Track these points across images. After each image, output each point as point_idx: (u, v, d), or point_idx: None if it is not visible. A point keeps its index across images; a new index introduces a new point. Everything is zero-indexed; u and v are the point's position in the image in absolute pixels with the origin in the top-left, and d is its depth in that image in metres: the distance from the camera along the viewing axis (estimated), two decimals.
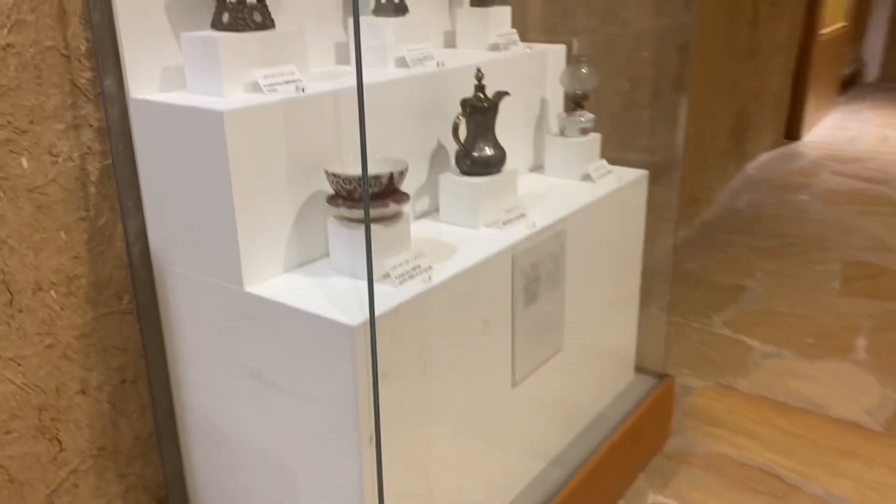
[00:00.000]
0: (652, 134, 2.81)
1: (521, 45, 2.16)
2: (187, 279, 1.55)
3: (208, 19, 1.52)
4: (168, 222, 1.55)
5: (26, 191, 1.46)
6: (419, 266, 1.49)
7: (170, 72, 1.53)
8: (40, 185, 1.47)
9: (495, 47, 2.11)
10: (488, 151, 1.75)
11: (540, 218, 1.81)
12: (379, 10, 1.84)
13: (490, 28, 2.11)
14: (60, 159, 1.49)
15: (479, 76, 1.74)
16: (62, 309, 1.56)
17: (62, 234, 1.53)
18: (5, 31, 1.36)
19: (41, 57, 1.42)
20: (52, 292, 1.54)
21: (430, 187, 1.83)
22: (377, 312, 1.33)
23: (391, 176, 1.42)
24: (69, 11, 1.44)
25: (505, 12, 2.18)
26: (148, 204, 1.57)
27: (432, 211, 1.84)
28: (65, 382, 1.60)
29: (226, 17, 1.50)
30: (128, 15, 1.44)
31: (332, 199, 1.47)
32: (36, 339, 1.53)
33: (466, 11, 2.15)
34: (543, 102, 2.20)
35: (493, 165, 1.75)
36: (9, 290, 1.47)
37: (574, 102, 2.11)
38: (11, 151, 1.42)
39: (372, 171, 1.47)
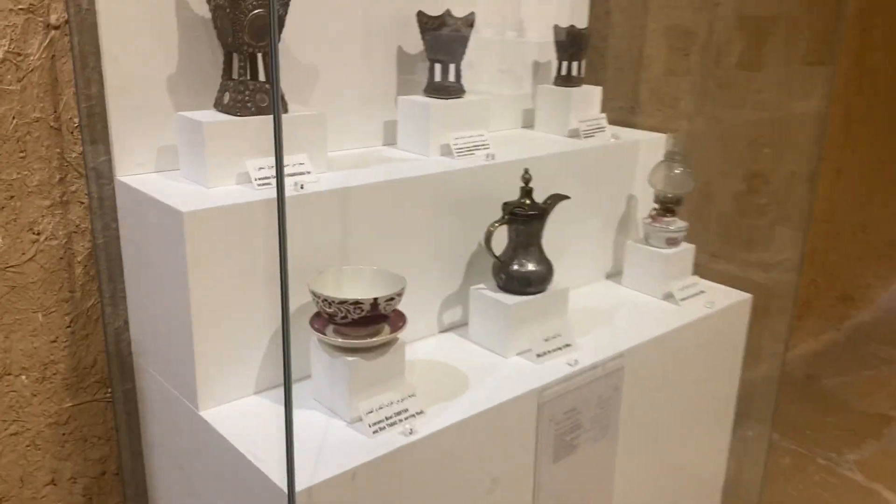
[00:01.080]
0: (770, 246, 2.37)
1: (609, 131, 1.85)
2: (155, 381, 1.37)
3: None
4: (143, 316, 1.39)
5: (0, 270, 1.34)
6: (405, 411, 1.23)
7: (167, 151, 1.37)
8: (15, 264, 1.36)
9: (575, 133, 1.82)
10: (530, 266, 1.46)
11: (589, 351, 1.49)
12: (431, 90, 1.61)
13: (571, 111, 1.82)
14: (42, 237, 1.37)
15: (526, 178, 1.46)
16: (33, 395, 1.43)
17: (39, 316, 1.40)
18: None
19: (25, 129, 1.31)
20: (23, 377, 1.41)
21: (464, 297, 1.56)
22: (326, 475, 1.08)
23: (374, 303, 1.17)
24: (62, 82, 1.32)
25: (593, 94, 1.88)
26: (129, 292, 1.42)
27: (463, 323, 1.57)
28: (31, 472, 1.47)
29: (227, 98, 1.32)
30: (118, 89, 1.29)
31: (315, 319, 1.24)
32: (1, 426, 1.41)
33: (547, 91, 1.87)
34: (631, 201, 1.87)
35: (533, 284, 1.46)
36: None
37: (663, 207, 1.76)
38: None
39: (353, 292, 1.23)
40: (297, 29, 1.46)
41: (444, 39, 1.55)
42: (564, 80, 1.85)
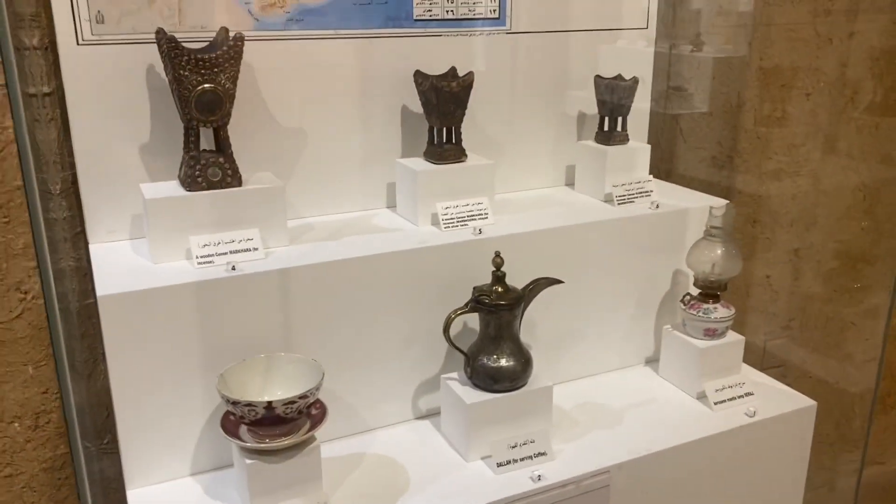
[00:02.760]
0: (857, 341, 1.96)
1: (655, 196, 1.62)
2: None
3: None
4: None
5: None
6: None
7: (142, 219, 1.38)
8: (4, 320, 1.43)
9: (609, 199, 1.61)
10: (501, 361, 1.30)
11: (568, 462, 1.30)
12: (427, 153, 1.49)
13: (607, 173, 1.61)
14: (29, 296, 1.43)
15: (497, 262, 1.29)
16: (27, 441, 1.51)
17: (29, 368, 1.47)
18: None
19: (8, 196, 1.37)
20: (16, 424, 1.49)
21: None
22: None
23: (268, 406, 1.09)
24: (44, 150, 1.37)
25: (637, 153, 1.66)
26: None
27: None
28: None
29: (182, 172, 1.30)
30: (88, 159, 1.32)
31: (226, 418, 1.18)
32: None
33: (583, 148, 1.67)
34: (678, 278, 1.62)
35: (502, 380, 1.30)
36: None
37: (704, 291, 1.50)
38: None
39: (279, 385, 1.16)
40: (285, 89, 1.42)
41: (437, 101, 1.42)
42: (604, 137, 1.64)
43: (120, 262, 1.28)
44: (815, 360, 2.35)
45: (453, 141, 1.48)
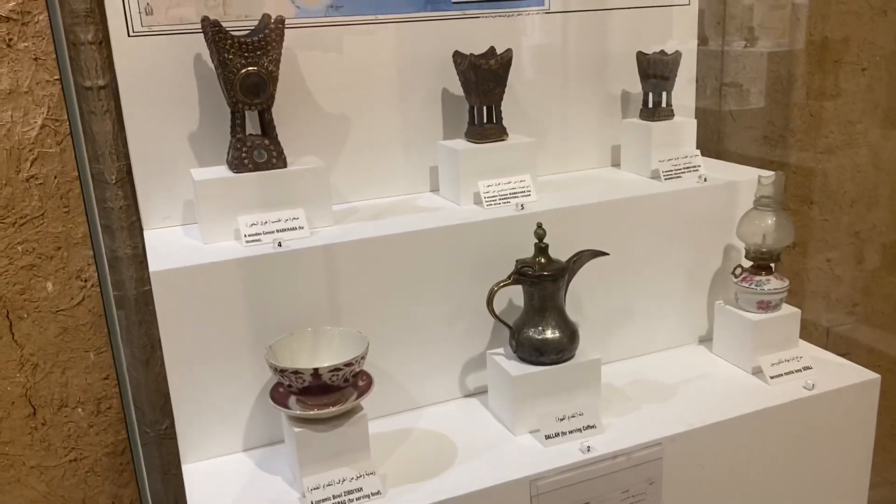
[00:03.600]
0: None
1: (702, 171, 1.59)
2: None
3: None
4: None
5: (51, 312, 1.48)
6: (358, 490, 1.14)
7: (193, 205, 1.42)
8: (65, 307, 1.49)
9: (656, 175, 1.59)
10: (547, 333, 1.29)
11: (619, 435, 1.28)
12: (469, 134, 1.50)
13: (652, 149, 1.59)
14: (89, 284, 1.49)
15: (539, 233, 1.29)
16: (90, 426, 1.56)
17: (91, 355, 1.53)
18: (28, 163, 1.40)
19: (68, 187, 1.43)
20: (80, 409, 1.55)
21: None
22: None
23: (314, 373, 1.11)
24: (99, 141, 1.43)
25: (683, 128, 1.63)
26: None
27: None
28: (92, 496, 1.60)
29: (230, 155, 1.33)
30: (141, 147, 1.37)
31: (276, 390, 1.20)
32: (61, 452, 1.56)
33: (629, 126, 1.66)
34: (730, 253, 1.58)
35: (548, 353, 1.29)
36: (31, 403, 1.51)
37: (756, 263, 1.47)
38: (36, 275, 1.45)
39: (325, 357, 1.18)
40: (327, 75, 1.44)
41: (476, 80, 1.43)
42: (649, 114, 1.63)
43: (173, 245, 1.32)
44: (886, 342, 2.26)
45: (494, 120, 1.49)
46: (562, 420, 1.28)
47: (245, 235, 1.28)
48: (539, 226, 1.29)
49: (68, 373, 1.52)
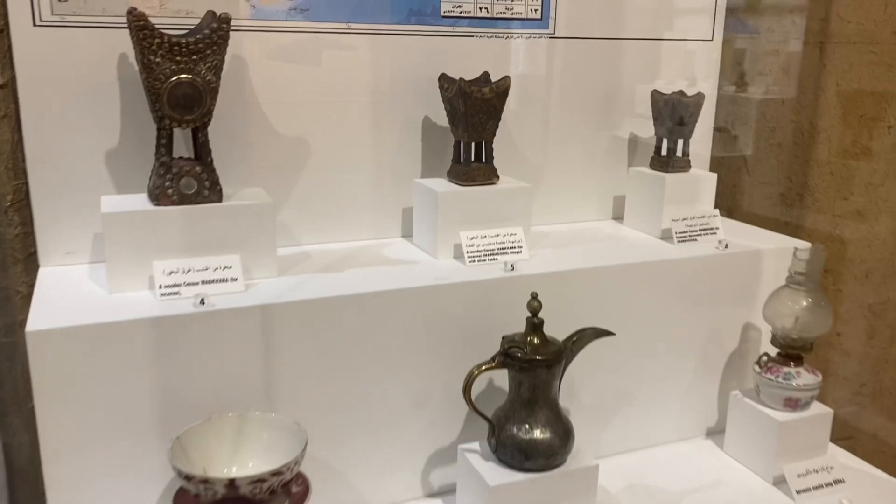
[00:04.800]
0: None
1: (721, 234, 1.35)
2: None
3: None
4: None
5: None
6: None
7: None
8: None
9: (667, 235, 1.35)
10: (537, 433, 1.03)
11: None
12: (452, 173, 1.25)
13: (664, 205, 1.35)
14: None
15: (534, 307, 1.03)
16: None
17: None
18: None
19: None
20: None
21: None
22: None
23: (230, 485, 0.83)
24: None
25: (701, 182, 1.40)
26: None
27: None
28: None
29: (151, 182, 1.06)
30: (42, 166, 1.10)
31: (181, 495, 0.92)
32: None
33: (637, 176, 1.42)
34: (749, 333, 1.35)
35: (535, 457, 1.03)
36: None
37: (783, 353, 1.23)
38: None
39: (210, 457, 0.91)
40: (285, 91, 1.19)
41: (465, 110, 1.18)
42: (661, 163, 1.39)
43: (69, 290, 1.04)
44: (892, 431, 2.04)
45: (483, 159, 1.24)
46: None
47: (161, 286, 1.00)
48: (534, 296, 1.03)
49: None
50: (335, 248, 1.26)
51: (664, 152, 1.39)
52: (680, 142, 1.38)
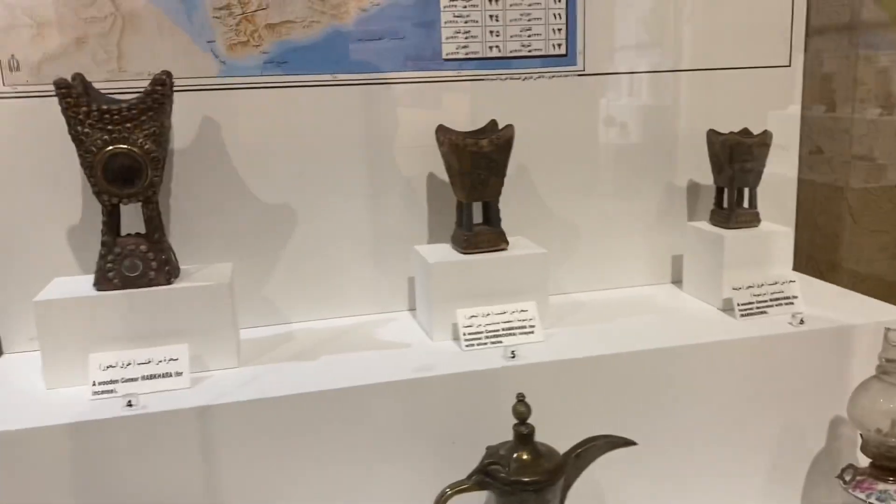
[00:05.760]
0: None
1: (798, 303, 1.09)
2: None
3: None
4: None
5: None
6: None
7: None
8: None
9: (728, 307, 1.10)
10: None
11: None
12: (455, 239, 1.07)
13: (725, 269, 1.10)
14: None
15: (521, 412, 0.83)
16: None
17: None
18: None
19: None
20: None
21: None
22: None
23: None
24: None
25: (775, 240, 1.14)
26: None
27: None
28: None
29: (97, 264, 0.96)
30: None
31: None
32: None
33: (695, 232, 1.18)
34: (836, 435, 1.06)
35: None
36: None
37: (878, 462, 0.94)
38: None
39: None
40: (265, 152, 1.07)
41: (460, 167, 1.01)
42: (722, 217, 1.15)
43: (7, 386, 0.94)
44: None
45: (489, 221, 1.05)
46: None
47: (95, 383, 0.89)
48: (520, 399, 0.83)
49: None
50: (327, 325, 1.11)
51: (725, 204, 1.15)
52: (745, 191, 1.13)
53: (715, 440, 1.02)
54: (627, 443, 0.86)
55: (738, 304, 1.07)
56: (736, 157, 1.11)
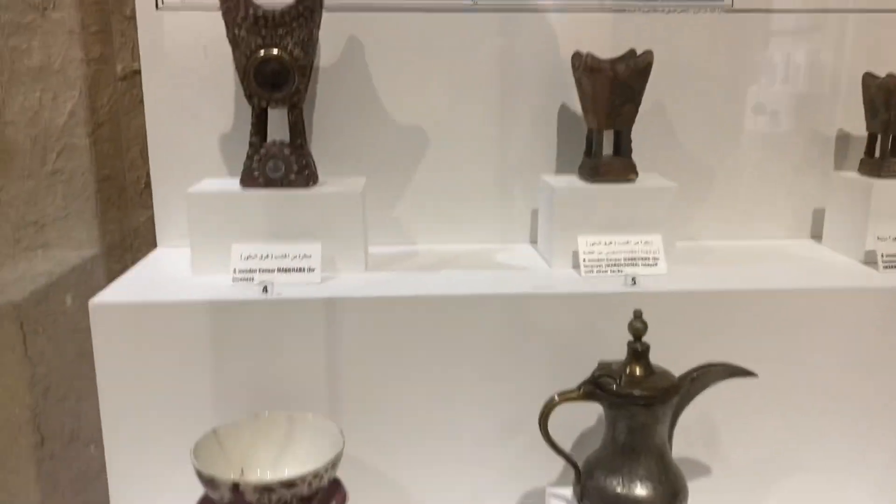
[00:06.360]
0: None
1: None
2: None
3: None
4: None
5: (69, 331, 1.27)
6: None
7: None
8: (85, 328, 1.27)
9: (871, 259, 1.03)
10: (634, 488, 0.81)
11: None
12: (583, 169, 1.07)
13: (870, 219, 1.04)
14: None
15: (637, 329, 0.82)
16: (102, 469, 1.33)
17: None
18: (54, 155, 1.20)
19: (96, 187, 1.22)
20: (92, 447, 1.32)
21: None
22: None
23: (234, 489, 0.74)
24: (127, 138, 1.20)
25: None
26: None
27: None
28: None
29: (244, 163, 1.03)
30: (161, 153, 1.12)
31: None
32: (69, 494, 1.34)
33: (842, 182, 1.11)
34: None
35: None
36: (39, 431, 1.31)
37: None
38: (54, 286, 1.25)
39: (254, 454, 0.82)
40: (400, 71, 1.11)
41: (593, 92, 1.00)
42: (872, 166, 1.08)
43: (159, 271, 1.04)
44: None
45: (620, 151, 1.04)
46: None
47: (235, 270, 0.96)
48: (637, 315, 0.82)
49: (83, 403, 1.30)
50: (448, 249, 1.14)
51: (877, 153, 1.08)
52: None
53: (843, 393, 0.97)
54: (747, 373, 0.84)
55: (883, 256, 1.01)
56: (893, 101, 1.04)
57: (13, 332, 1.26)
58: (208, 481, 0.76)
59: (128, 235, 1.25)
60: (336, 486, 0.85)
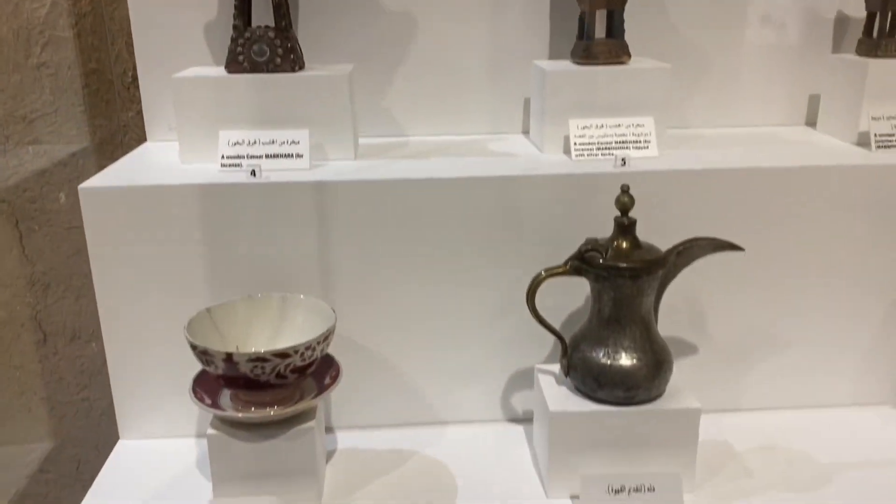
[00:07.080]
0: None
1: None
2: None
3: None
4: None
5: (64, 229, 1.28)
6: None
7: None
8: (79, 225, 1.28)
9: (864, 141, 1.03)
10: (619, 358, 0.83)
11: None
12: (575, 52, 1.05)
13: (865, 99, 1.03)
14: None
15: (624, 203, 0.82)
16: (104, 364, 1.36)
17: None
18: (38, 48, 1.18)
19: (84, 80, 1.20)
20: (93, 344, 1.35)
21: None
22: None
23: (228, 359, 0.76)
24: (113, 30, 1.18)
25: None
26: None
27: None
28: (106, 444, 1.41)
29: (229, 48, 1.01)
30: (146, 43, 1.09)
31: (198, 383, 0.87)
32: (73, 389, 1.38)
33: (838, 64, 1.10)
34: None
35: (611, 387, 0.83)
36: (41, 328, 1.34)
37: None
38: (48, 183, 1.25)
39: (249, 339, 0.83)
40: None
41: None
42: (870, 46, 1.06)
43: (147, 160, 1.04)
44: None
45: (611, 33, 1.02)
46: (618, 493, 0.82)
47: (223, 157, 0.96)
48: (624, 191, 0.82)
49: (82, 301, 1.32)
50: (440, 140, 1.13)
51: (875, 32, 1.06)
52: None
53: (830, 271, 0.98)
54: (733, 247, 0.84)
55: (876, 136, 1.00)
56: None
57: (9, 230, 1.27)
58: (202, 353, 0.78)
59: (118, 132, 1.25)
60: (330, 362, 0.87)
